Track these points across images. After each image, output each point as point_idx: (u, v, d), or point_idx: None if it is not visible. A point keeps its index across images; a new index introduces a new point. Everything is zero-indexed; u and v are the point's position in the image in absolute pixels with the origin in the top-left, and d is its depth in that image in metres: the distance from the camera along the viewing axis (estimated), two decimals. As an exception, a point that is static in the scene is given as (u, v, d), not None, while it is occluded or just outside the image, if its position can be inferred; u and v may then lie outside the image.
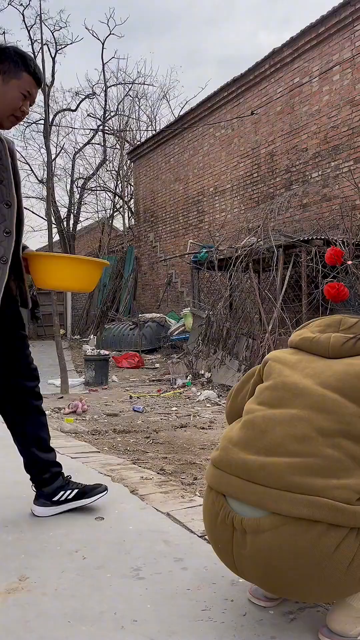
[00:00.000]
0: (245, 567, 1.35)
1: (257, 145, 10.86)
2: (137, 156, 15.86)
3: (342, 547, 1.22)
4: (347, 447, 1.27)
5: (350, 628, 1.34)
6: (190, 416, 5.16)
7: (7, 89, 1.96)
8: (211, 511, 1.40)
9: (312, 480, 1.24)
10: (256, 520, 1.28)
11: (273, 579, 1.31)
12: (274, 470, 1.28)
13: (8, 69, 1.95)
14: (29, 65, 1.98)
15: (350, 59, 8.73)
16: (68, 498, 2.26)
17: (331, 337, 1.47)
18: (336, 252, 2.24)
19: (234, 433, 1.43)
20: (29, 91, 2.00)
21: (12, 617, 1.50)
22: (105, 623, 1.46)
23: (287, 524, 1.24)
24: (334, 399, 1.32)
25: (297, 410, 1.34)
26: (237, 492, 1.33)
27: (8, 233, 2.01)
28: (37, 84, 2.03)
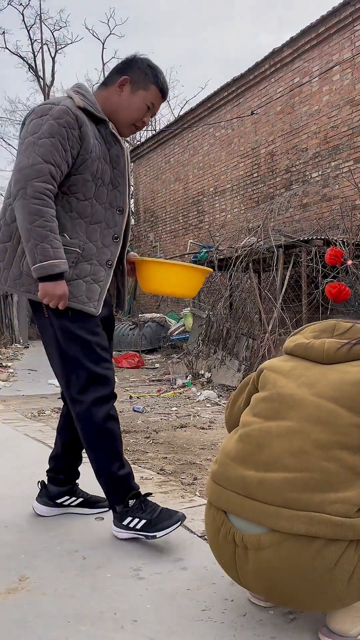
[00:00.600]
0: (249, 581, 1.35)
1: (257, 145, 10.86)
2: (137, 156, 15.86)
3: (342, 561, 1.22)
4: (345, 459, 1.27)
5: (350, 627, 1.34)
6: (190, 416, 5.16)
7: (134, 98, 1.98)
8: (213, 527, 1.41)
9: (310, 496, 1.24)
10: (257, 537, 1.28)
11: (277, 593, 1.31)
12: (271, 486, 1.27)
13: (138, 80, 1.97)
14: (159, 78, 2.00)
15: (350, 59, 8.73)
16: (71, 504, 2.25)
17: (325, 343, 1.45)
18: (336, 252, 2.24)
19: (231, 446, 1.43)
20: (154, 103, 2.02)
21: (12, 617, 1.50)
22: (105, 623, 1.46)
23: (286, 541, 1.24)
24: (330, 409, 1.31)
25: (293, 423, 1.33)
26: (236, 509, 1.33)
27: (116, 239, 2.01)
28: (163, 97, 2.05)
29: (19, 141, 1.92)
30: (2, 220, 1.97)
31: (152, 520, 1.92)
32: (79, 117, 1.86)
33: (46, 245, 1.79)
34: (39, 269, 1.81)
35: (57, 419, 4.87)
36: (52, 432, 4.17)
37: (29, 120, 1.88)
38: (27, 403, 6.17)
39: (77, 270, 1.92)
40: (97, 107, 1.95)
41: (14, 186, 1.83)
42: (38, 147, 1.80)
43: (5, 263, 1.96)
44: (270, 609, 1.52)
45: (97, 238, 1.96)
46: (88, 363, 1.94)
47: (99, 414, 1.94)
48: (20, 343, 15.20)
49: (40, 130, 1.81)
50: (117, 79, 1.98)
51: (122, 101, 1.98)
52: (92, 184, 1.93)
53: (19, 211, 1.81)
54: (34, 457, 3.29)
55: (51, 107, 1.85)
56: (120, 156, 2.00)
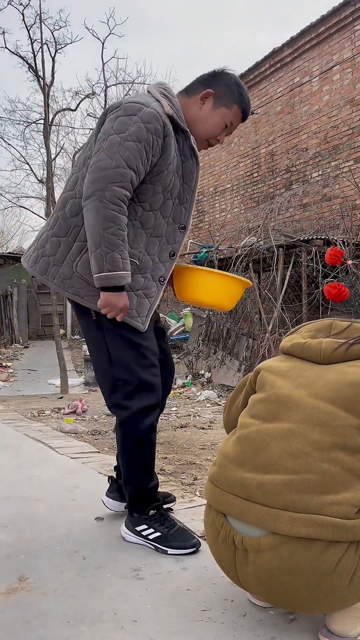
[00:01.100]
0: (249, 584, 1.35)
1: (257, 145, 10.86)
2: (137, 156, 15.85)
3: (342, 562, 1.22)
4: (344, 460, 1.26)
5: (350, 628, 1.34)
6: (190, 416, 5.16)
7: (214, 114, 1.89)
8: (212, 529, 1.40)
9: (310, 498, 1.23)
10: (256, 540, 1.28)
11: (277, 595, 1.31)
12: (271, 488, 1.27)
13: (222, 95, 1.88)
14: (244, 98, 1.91)
15: (351, 58, 8.72)
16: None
17: (322, 343, 1.44)
18: (336, 252, 2.24)
19: (229, 448, 1.42)
20: (232, 123, 1.93)
21: (12, 617, 1.50)
22: (105, 623, 1.46)
23: (286, 543, 1.24)
24: (328, 410, 1.31)
25: (292, 425, 1.33)
26: (236, 512, 1.33)
27: (173, 255, 1.94)
28: (243, 119, 1.96)
29: (97, 132, 1.81)
30: (61, 213, 1.89)
31: (167, 536, 1.90)
32: (166, 126, 1.78)
33: (116, 255, 1.72)
34: (104, 279, 1.73)
35: (57, 419, 4.87)
36: (52, 432, 4.17)
37: (113, 115, 1.77)
38: (27, 403, 6.17)
39: (132, 282, 1.82)
40: (182, 115, 1.86)
41: (90, 184, 1.72)
42: (123, 150, 1.70)
43: (56, 258, 1.88)
44: (270, 609, 1.52)
45: (154, 252, 1.89)
46: (137, 368, 1.87)
47: (145, 423, 1.89)
48: (20, 343, 15.20)
49: (128, 131, 1.71)
50: (201, 90, 1.89)
51: (202, 115, 1.89)
52: (161, 195, 1.85)
53: (92, 213, 1.71)
54: (33, 457, 3.29)
55: (141, 107, 1.74)
56: (194, 172, 1.92)
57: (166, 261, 1.93)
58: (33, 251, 1.96)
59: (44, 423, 4.64)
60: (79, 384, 8.30)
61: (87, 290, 1.86)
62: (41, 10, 11.11)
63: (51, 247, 1.89)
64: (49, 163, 9.13)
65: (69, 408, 5.34)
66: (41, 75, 11.34)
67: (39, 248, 1.93)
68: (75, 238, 1.86)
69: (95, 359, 1.99)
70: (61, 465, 3.08)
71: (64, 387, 7.44)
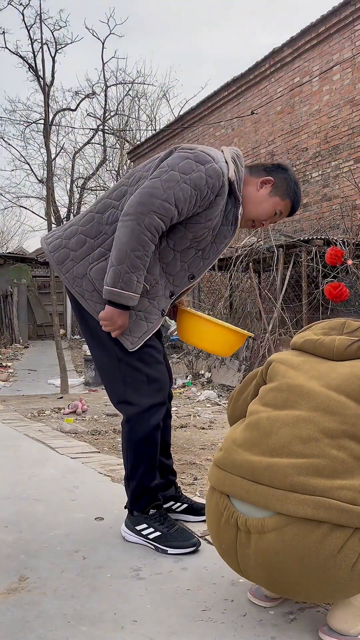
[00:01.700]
0: (249, 567, 1.35)
1: (257, 145, 10.86)
2: (137, 156, 15.85)
3: (346, 548, 1.22)
4: (353, 448, 1.28)
5: (350, 626, 1.34)
6: (190, 416, 5.16)
7: (268, 200, 1.98)
8: (215, 512, 1.40)
9: (317, 481, 1.24)
10: (261, 521, 1.28)
11: (277, 579, 1.31)
12: (278, 470, 1.28)
13: (280, 187, 1.97)
14: (297, 197, 2.02)
15: (351, 58, 8.72)
16: (177, 510, 2.16)
17: (336, 340, 1.47)
18: (336, 252, 2.24)
19: (238, 434, 1.43)
20: (281, 212, 2.02)
21: (12, 617, 1.50)
22: (105, 623, 1.46)
23: (291, 524, 1.24)
24: (339, 400, 1.33)
25: (303, 412, 1.34)
26: (241, 493, 1.33)
27: (172, 296, 2.00)
28: (290, 214, 2.06)
29: (160, 161, 1.87)
30: (97, 216, 1.94)
31: (166, 535, 1.90)
32: (224, 186, 1.85)
33: (134, 277, 1.78)
34: (114, 294, 1.79)
35: (57, 419, 4.87)
36: (52, 432, 4.17)
37: (184, 152, 1.84)
38: (27, 403, 6.17)
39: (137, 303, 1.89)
40: (241, 186, 1.94)
41: (135, 204, 1.77)
42: (178, 189, 1.77)
43: (77, 255, 1.93)
44: (270, 609, 1.52)
45: (162, 285, 1.96)
46: (143, 366, 1.91)
47: (151, 421, 1.92)
48: (20, 343, 15.20)
49: (189, 175, 1.79)
50: (263, 175, 1.98)
51: (257, 196, 1.97)
52: (188, 242, 1.92)
53: (126, 231, 1.77)
54: (33, 457, 3.29)
55: (210, 161, 1.82)
56: (228, 237, 1.99)
57: (167, 298, 2.00)
58: (57, 238, 2.00)
59: (44, 423, 4.64)
60: (79, 384, 8.31)
61: (91, 294, 1.90)
62: (41, 10, 11.14)
63: (76, 242, 1.94)
64: (49, 163, 9.13)
65: (69, 408, 5.34)
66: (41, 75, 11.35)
67: (64, 238, 1.97)
68: (101, 244, 1.91)
69: (98, 358, 2.01)
70: (61, 465, 3.08)
71: (64, 387, 7.45)
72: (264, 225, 2.06)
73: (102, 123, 20.69)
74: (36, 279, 18.27)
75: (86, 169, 22.85)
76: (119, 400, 1.97)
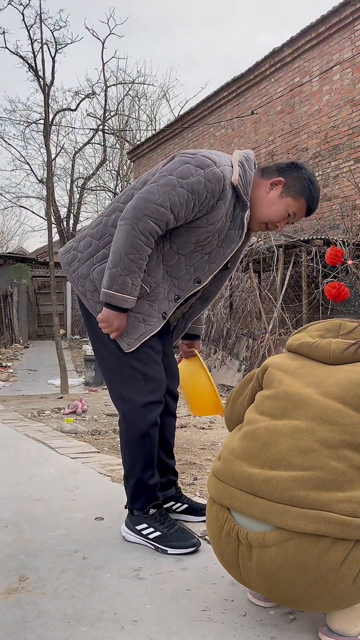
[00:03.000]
0: (251, 579, 1.34)
1: (257, 145, 10.86)
2: (137, 156, 15.86)
3: (348, 560, 1.22)
4: (352, 458, 1.26)
5: (350, 627, 1.34)
6: (190, 416, 5.16)
7: (279, 202, 1.93)
8: (215, 524, 1.39)
9: (317, 494, 1.23)
10: (261, 535, 1.27)
11: (280, 591, 1.30)
12: (278, 484, 1.26)
13: (292, 186, 1.92)
14: (312, 195, 1.94)
15: (351, 58, 8.72)
16: (177, 510, 2.16)
17: (332, 343, 1.44)
18: (336, 252, 2.23)
19: (235, 444, 1.41)
20: (296, 214, 1.96)
21: (12, 617, 1.50)
22: (105, 623, 1.46)
23: (292, 539, 1.23)
24: (337, 409, 1.31)
25: (300, 422, 1.33)
26: (241, 506, 1.32)
27: (177, 299, 1.98)
28: (307, 214, 1.99)
29: (163, 166, 1.87)
30: (105, 219, 1.96)
31: (166, 535, 1.90)
32: (225, 190, 1.82)
33: (128, 280, 1.80)
34: (109, 296, 1.81)
35: (57, 419, 4.87)
36: (52, 432, 4.17)
37: (184, 156, 1.84)
38: (27, 403, 6.17)
39: (136, 305, 1.89)
40: (248, 190, 1.91)
41: (131, 208, 1.79)
42: (174, 194, 1.77)
43: (83, 256, 1.96)
44: (270, 609, 1.52)
45: (166, 288, 1.95)
46: (140, 365, 1.92)
47: (147, 418, 1.92)
48: (20, 343, 15.20)
49: (187, 180, 1.78)
50: (274, 176, 1.93)
51: (267, 198, 1.93)
52: (191, 245, 1.91)
53: (121, 235, 1.79)
54: (33, 457, 3.29)
55: (210, 165, 1.81)
56: (234, 243, 1.96)
57: (172, 301, 1.99)
58: (72, 241, 2.06)
59: (44, 423, 4.64)
60: (79, 384, 8.31)
61: (93, 294, 1.94)
62: (41, 10, 11.16)
63: (84, 244, 1.98)
64: (49, 163, 9.13)
65: (69, 408, 5.35)
66: (41, 75, 11.35)
67: (76, 241, 2.03)
68: (105, 246, 1.93)
69: (99, 355, 2.03)
70: (61, 465, 3.08)
71: (64, 387, 7.44)
72: (278, 227, 2.01)
73: (102, 123, 20.70)
74: (36, 279, 18.28)
75: (86, 169, 22.87)
76: (116, 397, 1.99)
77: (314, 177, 1.97)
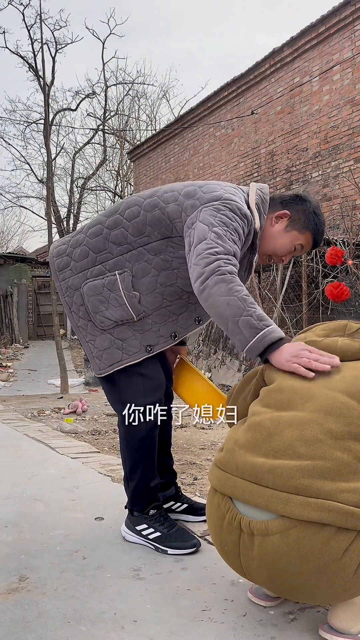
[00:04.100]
0: (252, 569, 1.34)
1: (257, 145, 10.86)
2: (137, 156, 15.85)
3: (350, 551, 1.22)
4: (357, 450, 1.27)
5: (351, 625, 1.34)
6: (190, 416, 5.16)
7: (284, 236, 1.88)
8: (217, 514, 1.39)
9: (322, 483, 1.24)
10: (264, 523, 1.28)
11: (280, 581, 1.30)
12: (282, 472, 1.27)
13: (297, 220, 1.87)
14: (318, 228, 1.89)
15: (351, 58, 8.72)
16: (177, 510, 2.16)
17: (338, 341, 1.47)
18: (336, 252, 2.23)
19: (240, 435, 1.42)
20: (303, 246, 1.91)
21: (12, 617, 1.50)
22: (105, 623, 1.46)
23: (295, 527, 1.23)
24: (343, 401, 1.32)
25: (306, 413, 1.33)
26: (244, 495, 1.32)
27: (175, 337, 1.93)
28: (314, 246, 1.94)
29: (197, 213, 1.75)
30: (106, 232, 1.88)
31: (166, 535, 1.90)
32: (250, 234, 1.80)
33: (256, 311, 1.64)
34: (259, 341, 1.55)
35: (57, 419, 4.87)
36: (52, 432, 4.17)
37: (215, 203, 1.74)
38: (27, 403, 6.17)
39: (119, 330, 1.87)
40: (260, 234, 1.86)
41: (200, 271, 1.63)
42: (228, 235, 1.70)
43: (77, 266, 1.90)
44: (270, 609, 1.52)
45: (158, 322, 1.89)
46: (137, 366, 1.90)
47: (148, 420, 1.91)
48: (20, 343, 15.20)
49: (231, 228, 1.71)
50: (278, 210, 1.88)
51: (271, 232, 1.89)
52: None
53: (214, 301, 1.61)
54: (33, 457, 3.29)
55: (241, 209, 1.75)
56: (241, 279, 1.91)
57: (168, 340, 1.92)
58: (63, 243, 1.97)
59: (44, 423, 4.64)
60: (79, 384, 8.30)
61: (79, 307, 1.91)
62: (41, 10, 11.15)
63: (80, 254, 1.91)
64: (49, 163, 9.13)
65: (69, 408, 5.35)
66: (41, 75, 11.35)
67: (70, 246, 1.95)
68: (102, 262, 1.88)
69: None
70: (61, 465, 3.08)
71: (64, 387, 7.44)
72: (283, 260, 1.96)
73: (102, 123, 20.69)
74: (36, 279, 18.28)
75: (86, 169, 22.86)
76: (115, 400, 1.97)
77: (319, 209, 1.92)
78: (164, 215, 1.81)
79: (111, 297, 1.85)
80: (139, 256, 1.85)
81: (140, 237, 1.84)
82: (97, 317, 1.88)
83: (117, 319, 1.86)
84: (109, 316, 1.87)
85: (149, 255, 1.84)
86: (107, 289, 1.86)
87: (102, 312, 1.87)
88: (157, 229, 1.83)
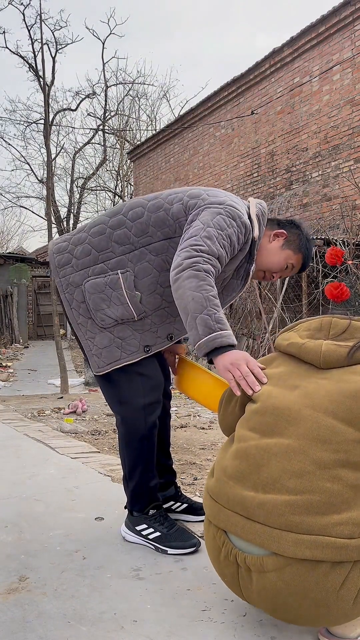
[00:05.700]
0: (254, 600, 1.33)
1: (257, 145, 10.86)
2: (137, 156, 15.86)
3: (347, 582, 1.20)
4: (347, 477, 1.23)
5: (349, 630, 1.34)
6: (190, 416, 5.16)
7: (280, 252, 1.95)
8: (213, 546, 1.38)
9: (313, 519, 1.21)
10: (260, 559, 1.26)
11: (283, 612, 1.29)
12: (273, 509, 1.24)
13: (293, 241, 1.96)
14: (309, 253, 1.99)
15: (351, 58, 8.72)
16: (177, 510, 2.16)
17: (322, 346, 1.39)
18: (336, 252, 2.24)
19: (228, 462, 1.38)
20: (293, 266, 1.99)
21: (13, 617, 1.50)
22: (105, 623, 1.46)
23: (290, 565, 1.21)
24: (329, 425, 1.27)
25: (292, 441, 1.29)
26: (237, 530, 1.30)
27: (171, 338, 1.94)
28: (302, 270, 2.04)
29: (198, 213, 1.79)
30: (109, 231, 1.89)
31: (166, 535, 1.90)
32: (248, 243, 1.85)
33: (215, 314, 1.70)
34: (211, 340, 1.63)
35: (57, 419, 4.87)
36: (52, 432, 4.17)
37: (218, 207, 1.79)
38: (27, 403, 6.17)
39: (120, 326, 1.87)
40: (259, 244, 1.92)
41: (181, 262, 1.68)
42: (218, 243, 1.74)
43: (78, 264, 1.90)
44: (270, 609, 1.52)
45: (156, 322, 1.91)
46: (135, 366, 1.89)
47: (147, 420, 1.91)
48: (20, 343, 15.20)
49: (225, 233, 1.76)
50: (275, 228, 1.97)
51: (268, 248, 1.95)
52: None
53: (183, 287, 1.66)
54: (34, 457, 3.29)
55: (242, 217, 1.80)
56: (236, 291, 1.98)
57: (164, 341, 1.94)
58: (64, 241, 1.98)
59: (44, 423, 4.64)
60: (79, 384, 8.30)
61: (79, 305, 1.91)
62: (42, 10, 11.14)
63: (82, 252, 1.91)
64: (49, 163, 9.12)
65: (69, 408, 5.34)
66: (41, 75, 11.35)
67: (71, 243, 1.95)
68: (104, 261, 1.89)
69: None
70: (61, 465, 3.08)
71: (64, 387, 7.44)
72: (274, 278, 2.02)
73: (102, 123, 20.69)
74: (36, 279, 18.28)
75: (86, 168, 22.86)
76: (113, 400, 1.97)
77: (310, 236, 2.02)
78: (168, 215, 1.84)
79: (113, 295, 1.86)
80: (140, 256, 1.86)
81: (143, 237, 1.85)
82: (98, 315, 1.88)
83: (118, 317, 1.87)
84: (110, 314, 1.87)
85: (150, 255, 1.85)
86: (109, 287, 1.86)
87: (104, 310, 1.87)
88: (160, 230, 1.84)
